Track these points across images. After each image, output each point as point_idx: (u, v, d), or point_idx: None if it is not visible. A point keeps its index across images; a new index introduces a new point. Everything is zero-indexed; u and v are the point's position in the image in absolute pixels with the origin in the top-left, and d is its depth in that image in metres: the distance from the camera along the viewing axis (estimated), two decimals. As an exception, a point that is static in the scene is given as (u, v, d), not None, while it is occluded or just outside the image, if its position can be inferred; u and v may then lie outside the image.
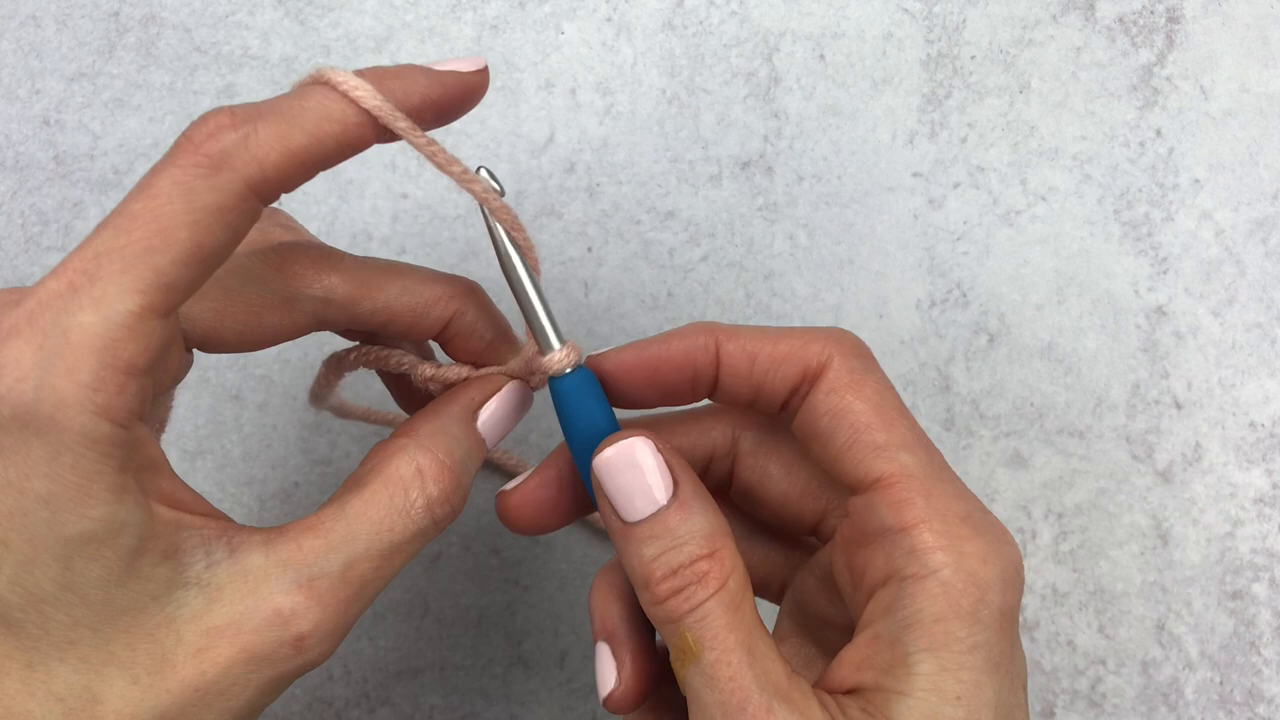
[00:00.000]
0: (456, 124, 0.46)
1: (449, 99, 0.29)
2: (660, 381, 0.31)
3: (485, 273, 0.45)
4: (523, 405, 0.32)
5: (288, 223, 0.34)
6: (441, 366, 0.32)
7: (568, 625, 0.44)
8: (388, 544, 0.28)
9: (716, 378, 0.30)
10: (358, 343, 0.34)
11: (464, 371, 0.32)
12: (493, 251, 0.32)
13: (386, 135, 0.28)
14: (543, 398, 0.32)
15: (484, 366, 0.32)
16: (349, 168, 0.46)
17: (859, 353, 0.29)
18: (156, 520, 0.25)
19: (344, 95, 0.27)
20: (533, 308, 0.31)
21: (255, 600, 0.26)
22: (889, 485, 0.27)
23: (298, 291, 0.29)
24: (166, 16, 0.47)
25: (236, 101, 0.38)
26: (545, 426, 0.45)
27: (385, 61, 0.47)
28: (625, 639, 0.31)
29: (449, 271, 0.31)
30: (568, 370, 0.30)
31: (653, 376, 0.31)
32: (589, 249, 0.46)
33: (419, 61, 0.46)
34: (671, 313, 0.46)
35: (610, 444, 0.29)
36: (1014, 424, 0.46)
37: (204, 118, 0.25)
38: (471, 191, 0.29)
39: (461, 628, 0.44)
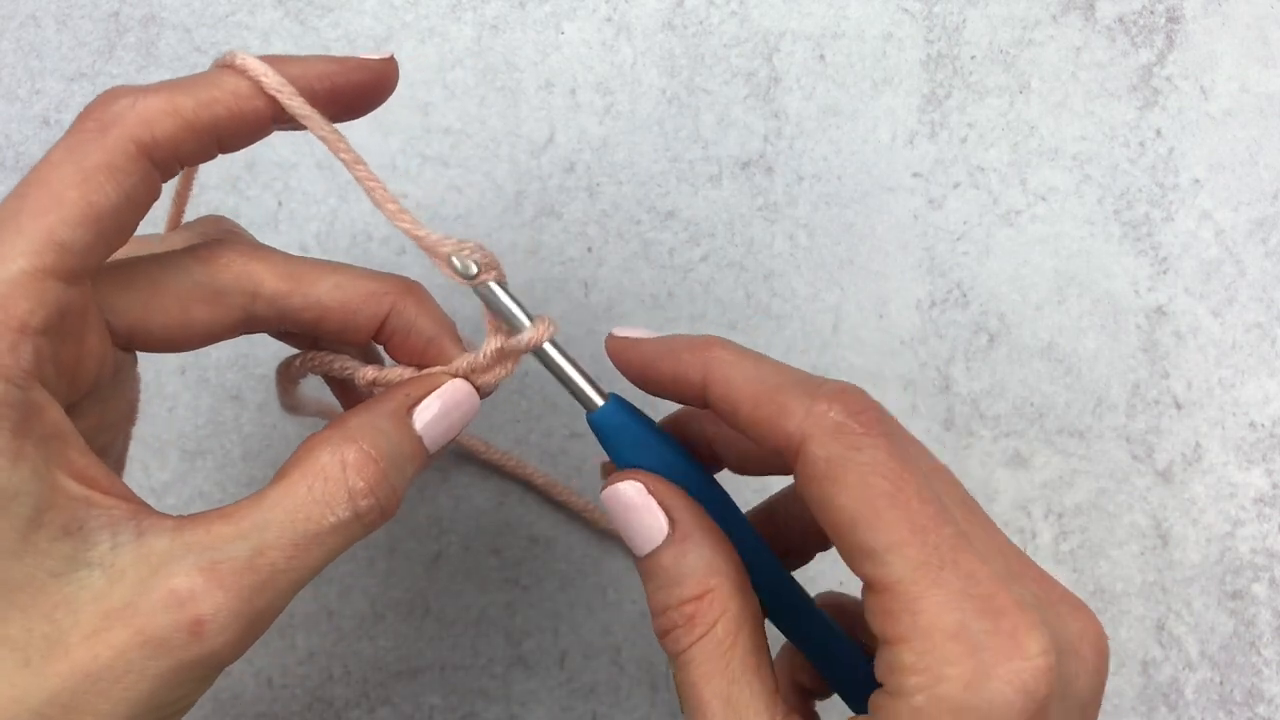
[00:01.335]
0: (457, 124, 0.47)
1: (352, 86, 0.29)
2: (660, 390, 0.30)
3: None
4: (466, 404, 0.31)
5: (233, 228, 0.33)
6: (384, 369, 0.31)
7: (568, 625, 0.44)
8: (302, 533, 0.26)
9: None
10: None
11: (406, 373, 0.31)
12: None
13: (287, 118, 0.28)
14: (509, 390, 0.31)
15: (428, 368, 0.31)
16: (349, 168, 0.46)
17: (840, 430, 0.26)
18: (58, 493, 0.24)
19: (242, 73, 0.27)
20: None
21: (154, 581, 0.25)
22: (877, 592, 0.25)
23: (225, 283, 0.29)
24: (166, 16, 0.47)
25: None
26: (545, 426, 0.45)
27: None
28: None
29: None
30: (546, 346, 0.30)
31: (654, 385, 0.30)
32: (589, 249, 0.46)
33: (417, 62, 0.47)
34: (671, 313, 0.46)
35: (608, 484, 0.29)
36: (1014, 424, 0.46)
37: (101, 93, 0.26)
38: (341, 160, 0.29)
39: (461, 628, 0.44)
